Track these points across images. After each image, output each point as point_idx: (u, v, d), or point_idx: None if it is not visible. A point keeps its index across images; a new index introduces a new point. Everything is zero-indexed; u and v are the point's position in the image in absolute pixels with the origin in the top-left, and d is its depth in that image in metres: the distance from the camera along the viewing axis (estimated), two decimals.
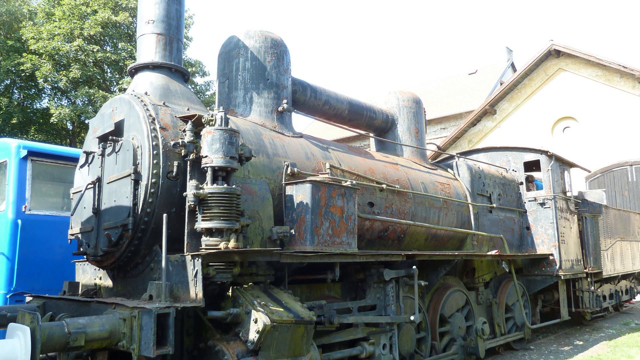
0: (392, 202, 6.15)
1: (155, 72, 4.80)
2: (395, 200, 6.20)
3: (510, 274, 8.00)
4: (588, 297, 9.57)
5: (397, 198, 6.25)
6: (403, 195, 6.36)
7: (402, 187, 6.35)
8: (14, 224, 6.19)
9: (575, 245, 9.29)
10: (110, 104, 4.80)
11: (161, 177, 4.10)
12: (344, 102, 6.64)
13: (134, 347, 3.34)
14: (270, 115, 5.40)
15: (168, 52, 4.86)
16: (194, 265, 3.70)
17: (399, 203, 6.27)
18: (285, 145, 5.19)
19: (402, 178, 6.49)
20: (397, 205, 6.23)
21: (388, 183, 6.13)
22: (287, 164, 4.93)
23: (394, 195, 6.21)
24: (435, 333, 6.48)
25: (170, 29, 4.87)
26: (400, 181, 6.40)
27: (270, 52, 5.50)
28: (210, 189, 3.89)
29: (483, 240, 7.82)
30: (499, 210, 8.27)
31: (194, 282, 3.68)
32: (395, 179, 6.35)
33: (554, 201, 8.70)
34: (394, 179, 6.33)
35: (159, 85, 4.71)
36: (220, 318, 3.83)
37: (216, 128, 3.99)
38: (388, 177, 6.25)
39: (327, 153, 5.67)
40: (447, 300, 6.73)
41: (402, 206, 6.31)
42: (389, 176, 6.29)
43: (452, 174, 7.82)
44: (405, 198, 6.39)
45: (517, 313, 8.19)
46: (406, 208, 6.36)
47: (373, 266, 5.41)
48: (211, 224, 3.85)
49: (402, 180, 6.46)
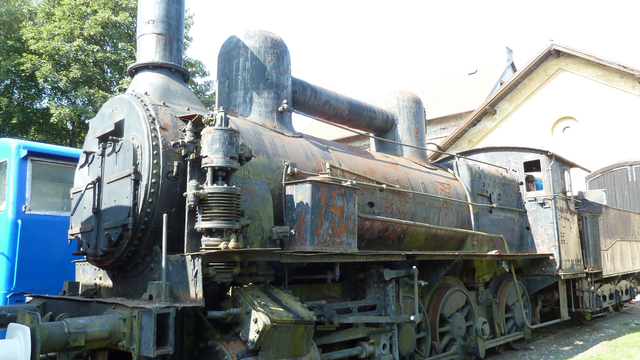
0: (392, 202, 6.14)
1: (155, 72, 4.80)
2: (395, 200, 6.20)
3: (510, 274, 8.00)
4: (588, 297, 9.57)
5: (397, 198, 6.25)
6: (403, 195, 6.36)
7: (402, 187, 6.35)
8: (14, 224, 6.19)
9: (575, 245, 9.29)
10: (110, 104, 4.80)
11: (161, 177, 4.10)
12: (344, 102, 6.64)
13: (134, 347, 3.34)
14: (270, 115, 5.40)
15: (168, 52, 4.87)
16: (194, 265, 3.70)
17: (399, 203, 6.27)
18: (285, 145, 5.19)
19: (402, 178, 6.49)
20: (397, 205, 6.23)
21: (388, 183, 6.12)
22: (287, 164, 4.94)
23: (394, 195, 6.21)
24: (435, 333, 6.48)
25: (170, 29, 4.87)
26: (400, 181, 6.40)
27: (270, 52, 5.50)
28: (210, 189, 3.89)
29: (483, 240, 7.82)
30: (499, 210, 8.27)
31: (194, 282, 3.68)
32: (395, 179, 6.35)
33: (554, 201, 8.70)
34: (394, 179, 6.33)
35: (159, 85, 4.71)
36: (220, 318, 3.83)
37: (216, 128, 3.99)
38: (388, 177, 6.25)
39: (327, 153, 5.67)
40: (447, 300, 6.73)
41: (402, 206, 6.31)
42: (389, 176, 6.28)
43: (452, 174, 7.82)
44: (405, 198, 6.39)
45: (517, 313, 8.20)
46: (406, 208, 6.36)
47: (373, 266, 5.41)
48: (211, 224, 3.85)
49: (402, 180, 6.45)
